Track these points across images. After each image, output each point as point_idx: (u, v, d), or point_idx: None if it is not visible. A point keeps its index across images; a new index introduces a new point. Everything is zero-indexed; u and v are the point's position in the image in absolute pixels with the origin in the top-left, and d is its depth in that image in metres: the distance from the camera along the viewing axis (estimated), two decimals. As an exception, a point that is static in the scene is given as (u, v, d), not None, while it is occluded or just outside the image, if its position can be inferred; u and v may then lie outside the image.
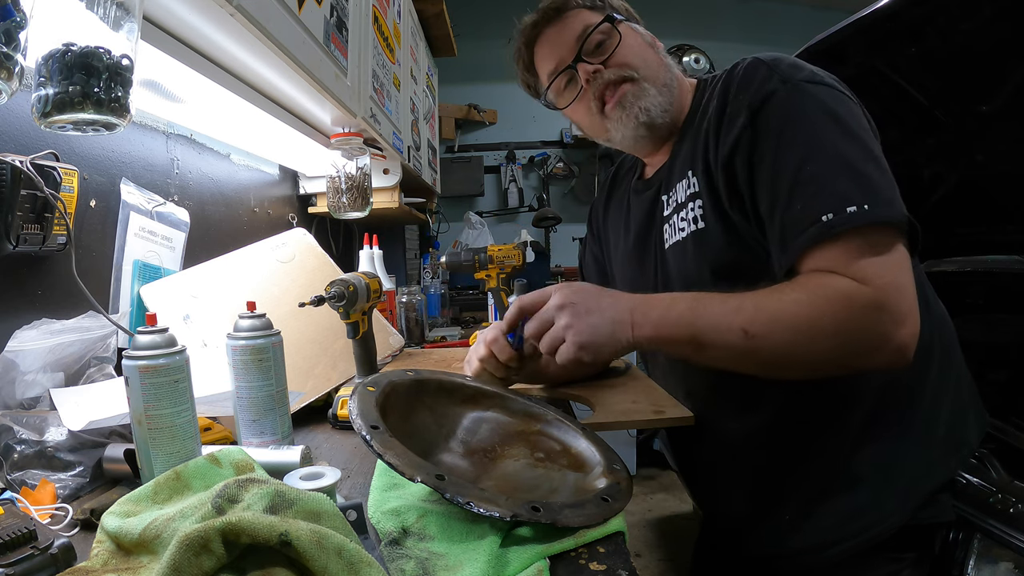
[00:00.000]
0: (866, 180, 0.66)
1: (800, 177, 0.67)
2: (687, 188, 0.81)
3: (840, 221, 0.64)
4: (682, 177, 0.82)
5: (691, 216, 0.80)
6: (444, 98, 3.33)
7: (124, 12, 0.57)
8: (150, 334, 0.61)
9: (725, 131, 0.74)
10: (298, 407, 0.93)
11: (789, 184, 0.68)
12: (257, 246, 1.19)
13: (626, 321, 0.72)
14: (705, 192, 0.78)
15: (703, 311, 0.69)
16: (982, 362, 1.48)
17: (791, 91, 0.71)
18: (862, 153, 0.67)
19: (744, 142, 0.72)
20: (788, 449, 0.81)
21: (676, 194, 0.84)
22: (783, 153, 0.69)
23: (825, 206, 0.65)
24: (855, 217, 0.64)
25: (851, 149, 0.67)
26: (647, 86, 0.84)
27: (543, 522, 0.52)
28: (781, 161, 0.69)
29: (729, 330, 0.67)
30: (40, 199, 0.74)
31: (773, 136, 0.70)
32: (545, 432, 0.74)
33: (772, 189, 0.70)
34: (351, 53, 1.17)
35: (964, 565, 0.96)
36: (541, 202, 3.67)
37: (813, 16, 3.52)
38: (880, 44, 1.32)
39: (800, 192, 0.67)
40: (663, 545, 2.51)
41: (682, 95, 0.88)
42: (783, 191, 0.69)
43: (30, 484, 0.62)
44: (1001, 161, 1.42)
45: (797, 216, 0.67)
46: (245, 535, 0.42)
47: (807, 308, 0.65)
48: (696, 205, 0.79)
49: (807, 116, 0.69)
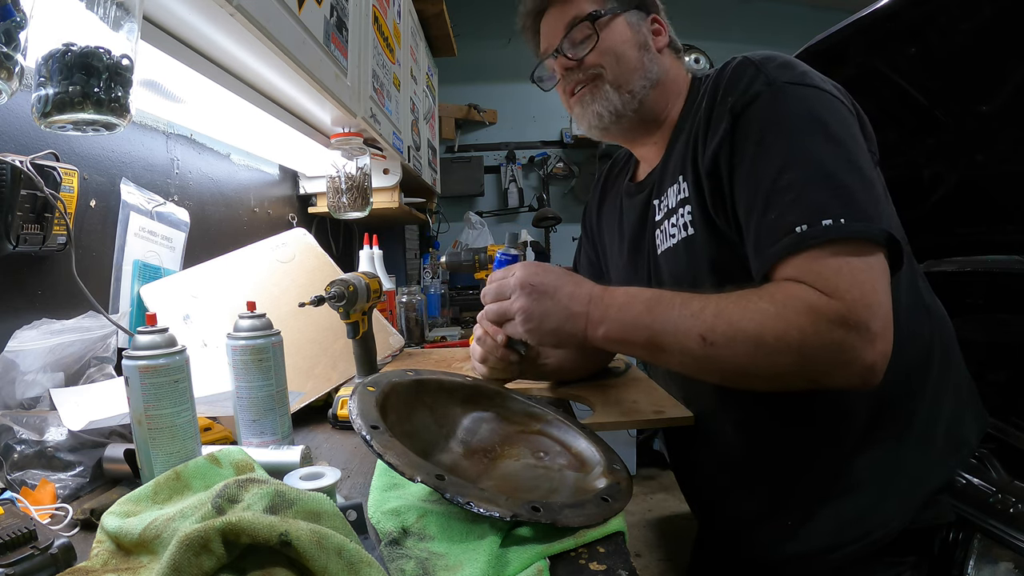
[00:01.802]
0: (845, 192, 0.63)
1: (777, 186, 0.65)
2: (677, 193, 0.81)
3: (814, 233, 0.62)
4: (673, 182, 0.82)
5: (681, 222, 0.79)
6: (444, 98, 3.33)
7: (124, 12, 0.57)
8: (150, 334, 0.61)
9: (711, 136, 0.73)
10: (298, 407, 0.93)
11: (766, 192, 0.66)
12: (257, 246, 1.19)
13: (581, 314, 0.70)
14: (694, 198, 0.77)
15: (661, 313, 0.67)
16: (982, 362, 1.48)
17: (775, 93, 0.68)
18: (845, 163, 0.65)
19: (726, 147, 0.70)
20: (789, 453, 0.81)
21: (667, 199, 0.83)
22: (762, 160, 0.67)
23: (800, 217, 0.63)
24: (830, 230, 0.62)
25: (833, 158, 0.65)
26: (608, 89, 0.86)
27: (543, 522, 0.52)
28: (760, 168, 0.67)
29: (687, 336, 0.65)
30: (40, 199, 0.74)
31: (752, 142, 0.68)
32: (545, 432, 0.74)
33: (749, 196, 0.68)
34: (351, 53, 1.17)
35: (964, 565, 0.96)
36: (541, 202, 3.67)
37: (813, 16, 3.51)
38: (880, 44, 1.32)
39: (775, 201, 0.65)
40: (663, 545, 2.51)
41: (672, 92, 0.88)
42: (760, 199, 0.67)
43: (30, 484, 0.62)
44: (1001, 161, 1.42)
45: (771, 225, 0.65)
46: (245, 535, 0.42)
47: (771, 319, 0.62)
48: (686, 211, 0.78)
49: (789, 121, 0.67)
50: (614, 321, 0.69)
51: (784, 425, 0.79)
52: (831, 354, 0.61)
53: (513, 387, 0.85)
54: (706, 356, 0.65)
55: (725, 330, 0.63)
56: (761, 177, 0.67)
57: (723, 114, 0.71)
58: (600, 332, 0.70)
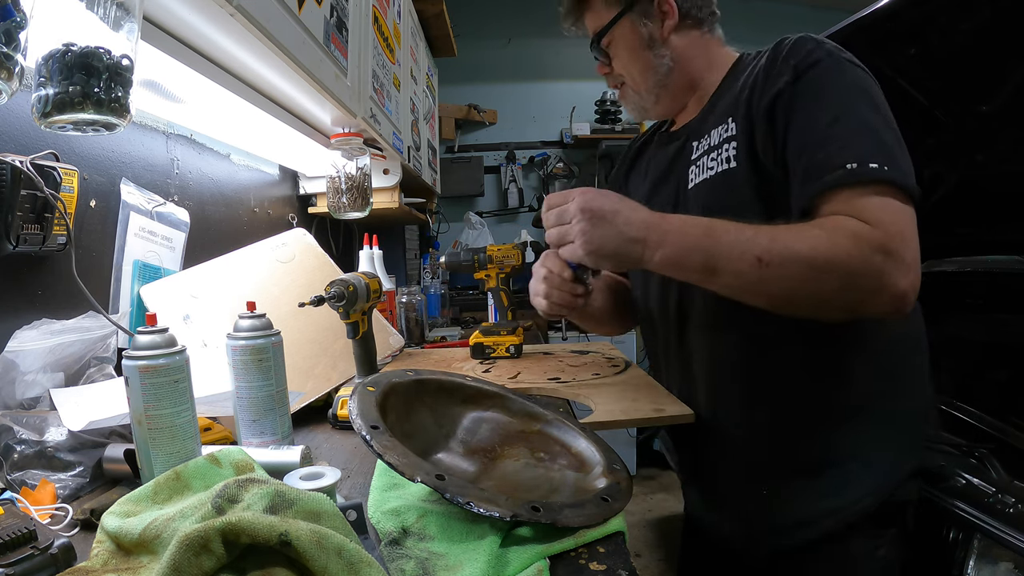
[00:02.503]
0: (888, 149, 0.71)
1: (830, 132, 0.72)
2: (723, 132, 0.85)
3: (862, 171, 0.69)
4: (720, 123, 0.87)
5: (723, 157, 0.84)
6: (444, 98, 3.33)
7: (124, 12, 0.57)
8: (150, 334, 0.61)
9: (771, 84, 0.79)
10: (298, 407, 0.93)
11: (820, 136, 0.73)
12: (257, 246, 1.19)
13: (639, 239, 0.74)
14: (742, 136, 0.82)
15: (717, 238, 0.71)
16: (982, 362, 1.49)
17: (835, 62, 0.77)
18: (888, 129, 0.73)
19: (786, 95, 0.77)
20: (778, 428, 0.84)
21: (709, 138, 0.88)
22: (819, 109, 0.75)
23: (850, 157, 0.70)
24: (876, 172, 0.69)
25: (878, 123, 0.73)
26: (630, 92, 0.98)
27: (543, 522, 0.52)
28: (816, 115, 0.75)
29: (742, 258, 0.69)
30: (40, 199, 0.74)
31: (811, 95, 0.76)
32: (545, 432, 0.74)
33: (804, 138, 0.75)
34: (351, 53, 1.17)
35: (964, 565, 0.96)
36: (541, 202, 3.67)
37: (813, 16, 3.51)
38: (880, 44, 1.32)
39: (828, 144, 0.72)
40: (663, 545, 2.51)
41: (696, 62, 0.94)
42: (813, 140, 0.74)
43: (30, 484, 0.62)
44: (1001, 161, 1.42)
45: (822, 162, 0.72)
46: (245, 535, 0.42)
47: (823, 243, 0.67)
48: (731, 147, 0.83)
49: (844, 85, 0.76)
50: (672, 245, 0.73)
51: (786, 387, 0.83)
52: (871, 279, 0.67)
53: (513, 387, 0.85)
54: (759, 278, 0.69)
55: (781, 251, 0.68)
56: (817, 124, 0.74)
57: (786, 70, 0.78)
58: (658, 256, 0.73)
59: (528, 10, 3.57)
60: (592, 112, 3.56)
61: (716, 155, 0.85)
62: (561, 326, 3.10)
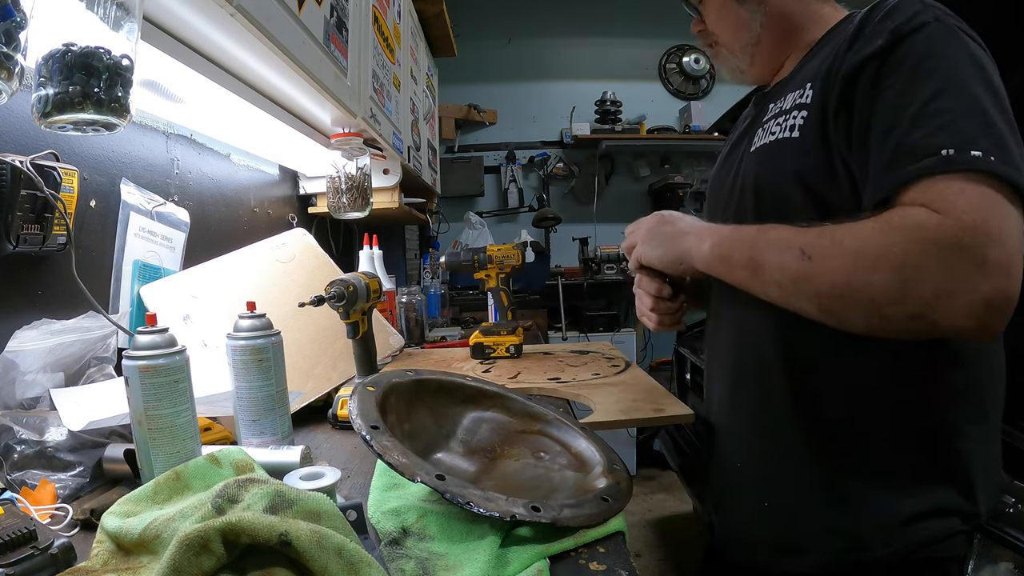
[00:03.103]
0: (998, 134, 0.59)
1: (930, 108, 0.61)
2: (797, 98, 0.78)
3: (961, 159, 0.57)
4: (797, 88, 0.79)
5: (788, 124, 0.77)
6: (444, 98, 3.33)
7: (124, 12, 0.58)
8: (150, 334, 0.61)
9: (859, 47, 0.69)
10: (298, 407, 0.93)
11: (915, 112, 0.62)
12: (257, 246, 1.19)
13: (691, 234, 0.78)
14: (815, 104, 0.74)
15: (767, 232, 0.69)
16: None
17: (945, 28, 0.66)
18: (1000, 111, 0.61)
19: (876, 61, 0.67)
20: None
21: (783, 101, 0.81)
22: (918, 80, 0.63)
23: (949, 141, 0.58)
24: (977, 161, 0.56)
25: (990, 101, 0.61)
26: (724, 52, 0.92)
27: (543, 522, 0.52)
28: (913, 87, 0.63)
29: (787, 249, 0.65)
30: (40, 199, 0.74)
31: (911, 64, 0.64)
32: (545, 432, 0.74)
33: (893, 113, 0.64)
34: (351, 53, 1.17)
35: (964, 565, 0.96)
36: (541, 202, 3.67)
37: None
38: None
39: (926, 122, 0.61)
40: (663, 545, 2.51)
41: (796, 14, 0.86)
42: (906, 116, 0.62)
43: (30, 484, 0.62)
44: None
45: (914, 144, 0.61)
46: (245, 535, 0.42)
47: (874, 235, 0.58)
48: (799, 115, 0.76)
49: (953, 55, 0.64)
50: (720, 236, 0.74)
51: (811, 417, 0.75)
52: (935, 278, 0.55)
53: (513, 387, 0.85)
54: (802, 273, 0.63)
55: (826, 244, 0.61)
56: (912, 97, 0.63)
57: (882, 32, 0.67)
58: (706, 246, 0.74)
59: (528, 10, 3.57)
60: (592, 112, 3.56)
61: (783, 120, 0.78)
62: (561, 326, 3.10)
